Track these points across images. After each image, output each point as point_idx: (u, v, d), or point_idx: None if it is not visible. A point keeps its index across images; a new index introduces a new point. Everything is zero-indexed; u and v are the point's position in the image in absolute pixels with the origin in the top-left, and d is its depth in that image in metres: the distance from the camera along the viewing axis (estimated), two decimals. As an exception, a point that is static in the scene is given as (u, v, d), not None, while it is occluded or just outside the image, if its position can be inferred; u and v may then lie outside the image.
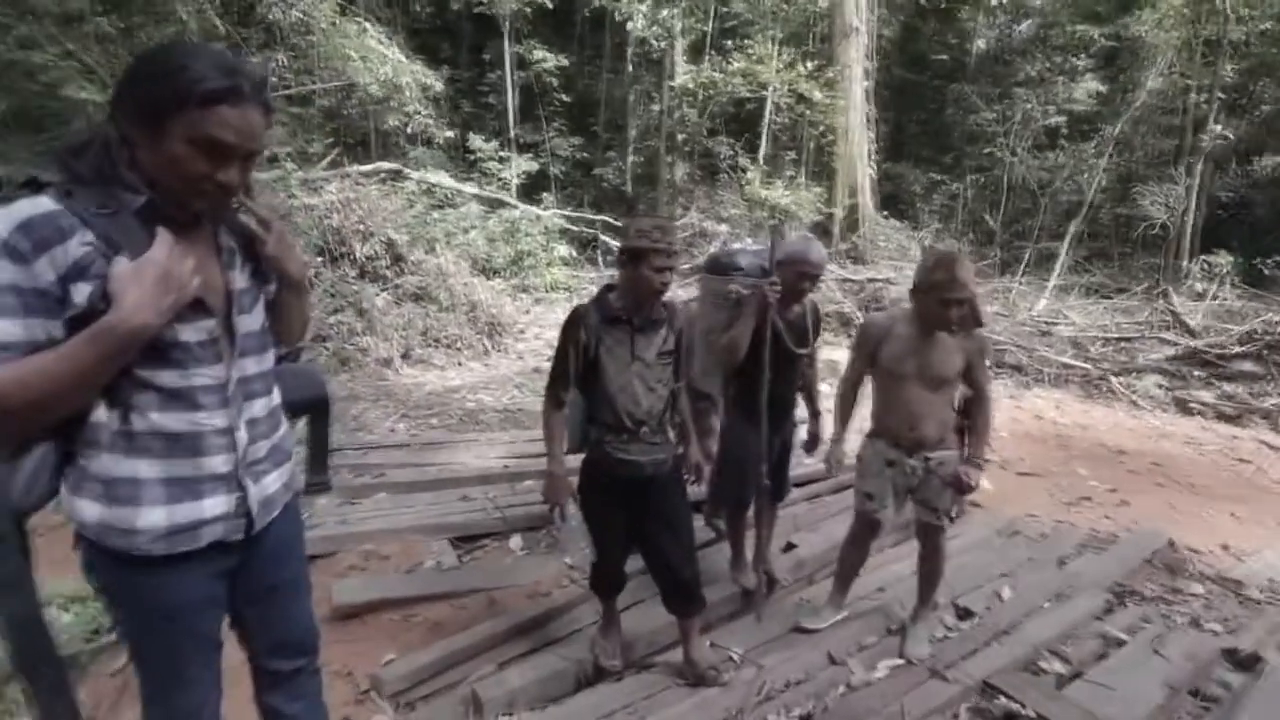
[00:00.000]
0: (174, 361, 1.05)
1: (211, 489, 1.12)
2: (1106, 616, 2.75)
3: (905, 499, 2.30)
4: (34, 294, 0.93)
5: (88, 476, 1.05)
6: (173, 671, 1.19)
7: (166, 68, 0.96)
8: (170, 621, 1.15)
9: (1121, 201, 12.42)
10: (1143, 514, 4.03)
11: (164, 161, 0.98)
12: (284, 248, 1.20)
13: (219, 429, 1.11)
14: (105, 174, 0.99)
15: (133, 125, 0.98)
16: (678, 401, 2.09)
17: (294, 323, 1.30)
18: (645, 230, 1.83)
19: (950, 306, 2.05)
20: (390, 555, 2.97)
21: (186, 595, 1.15)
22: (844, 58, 11.34)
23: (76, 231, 0.95)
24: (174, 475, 1.08)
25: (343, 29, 9.62)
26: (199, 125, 0.96)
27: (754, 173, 11.52)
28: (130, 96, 0.98)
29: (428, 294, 7.82)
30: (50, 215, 0.94)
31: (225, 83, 0.97)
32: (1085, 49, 13.66)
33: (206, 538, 1.13)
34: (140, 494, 1.06)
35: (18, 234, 0.92)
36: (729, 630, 2.47)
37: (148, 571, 1.09)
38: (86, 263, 0.95)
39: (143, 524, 1.06)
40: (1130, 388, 6.95)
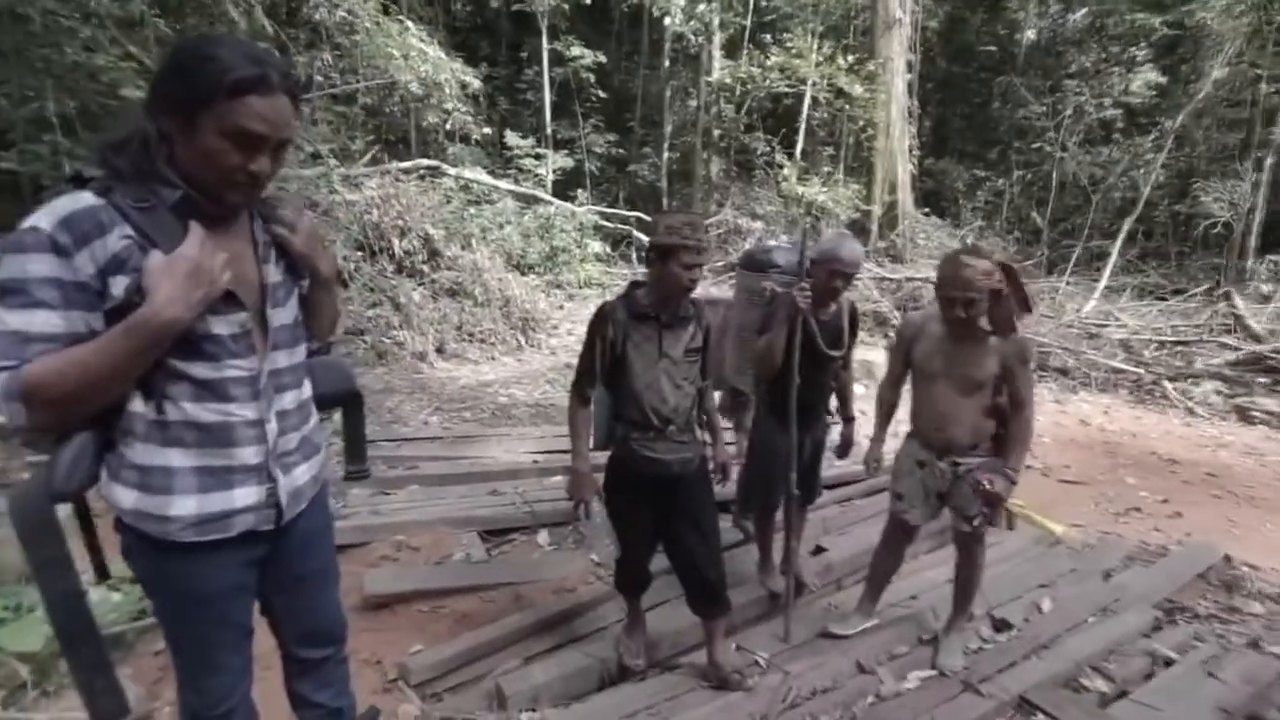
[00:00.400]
0: (206, 354, 1.07)
1: (242, 479, 1.15)
2: (1155, 634, 2.62)
3: (937, 503, 2.23)
4: (75, 287, 0.96)
5: (125, 464, 1.08)
6: (204, 656, 1.23)
7: (195, 61, 0.98)
8: (202, 607, 1.19)
9: (1180, 198, 11.84)
10: (1197, 527, 3.84)
11: (198, 154, 1.01)
12: (313, 245, 1.22)
13: (250, 420, 1.14)
14: (143, 169, 1.02)
15: (167, 120, 1.00)
16: (705, 399, 2.07)
17: (325, 318, 1.33)
18: (675, 226, 1.80)
19: (953, 305, 2.00)
20: (421, 546, 3.02)
21: (217, 582, 1.18)
22: (885, 50, 11.06)
23: (116, 226, 0.98)
24: (206, 465, 1.11)
25: (385, 28, 9.80)
26: (229, 116, 0.98)
27: (790, 169, 11.34)
28: (163, 92, 1.00)
29: (463, 289, 7.94)
30: (91, 210, 0.97)
31: (253, 72, 0.98)
32: (1144, 38, 13.03)
33: (237, 527, 1.16)
34: (173, 483, 1.09)
35: (60, 228, 0.95)
36: (755, 634, 2.44)
37: (180, 558, 1.13)
38: (125, 256, 0.98)
39: (175, 512, 1.09)
40: (1186, 394, 6.62)
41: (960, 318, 2.00)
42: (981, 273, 1.96)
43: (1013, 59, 14.52)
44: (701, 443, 2.06)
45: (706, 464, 2.08)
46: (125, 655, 2.23)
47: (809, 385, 2.42)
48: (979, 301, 1.97)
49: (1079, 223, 12.00)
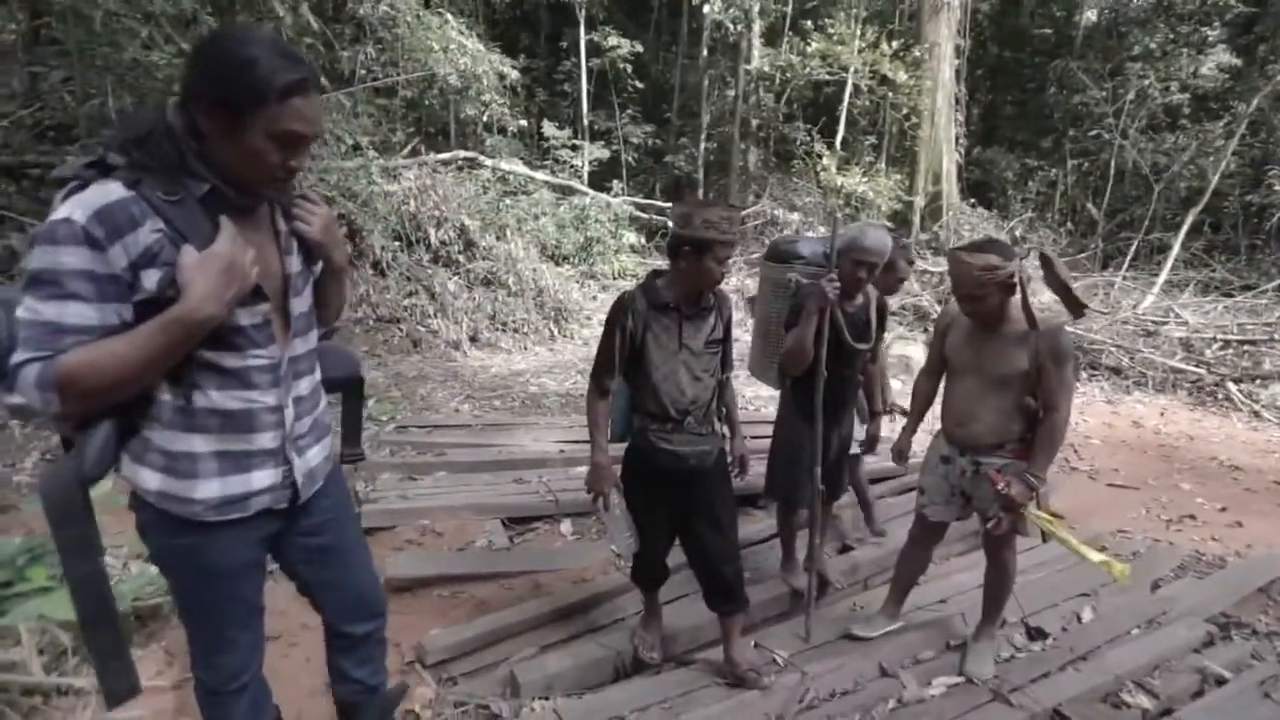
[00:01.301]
0: (232, 344, 1.11)
1: (260, 462, 1.20)
2: (1206, 650, 2.46)
3: (963, 502, 2.13)
4: (108, 279, 0.99)
5: (150, 448, 1.12)
6: (217, 632, 1.27)
7: (236, 64, 1.00)
8: (216, 583, 1.23)
9: (1254, 188, 11.07)
10: (1259, 538, 3.60)
11: (242, 152, 1.04)
12: (330, 234, 1.26)
13: (270, 407, 1.18)
14: (170, 162, 1.04)
15: (209, 120, 1.02)
16: (725, 391, 2.02)
17: (334, 305, 1.37)
18: (713, 221, 1.74)
19: (960, 300, 1.94)
20: (445, 532, 3.06)
21: (232, 559, 1.23)
22: (933, 35, 10.66)
23: (147, 219, 1.00)
24: (226, 450, 1.16)
25: (426, 21, 9.93)
26: (278, 120, 1.02)
27: (829, 159, 11.06)
28: (205, 94, 1.02)
29: (497, 279, 8.03)
30: (123, 202, 0.99)
31: (298, 76, 1.02)
32: (1218, 16, 12.21)
33: (255, 507, 1.21)
34: (197, 468, 1.13)
35: (94, 221, 0.97)
36: (775, 632, 2.39)
37: (200, 535, 1.17)
38: (156, 249, 1.01)
39: (199, 495, 1.14)
40: (1253, 397, 6.22)
41: (969, 311, 1.94)
42: (980, 268, 1.87)
43: (1070, 42, 13.80)
44: (720, 436, 2.02)
45: (725, 457, 2.03)
46: (161, 626, 2.32)
47: (836, 380, 2.35)
48: (984, 297, 1.89)
49: (1138, 214, 11.36)
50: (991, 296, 1.90)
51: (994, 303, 1.92)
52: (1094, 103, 11.90)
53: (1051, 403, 1.95)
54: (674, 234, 1.80)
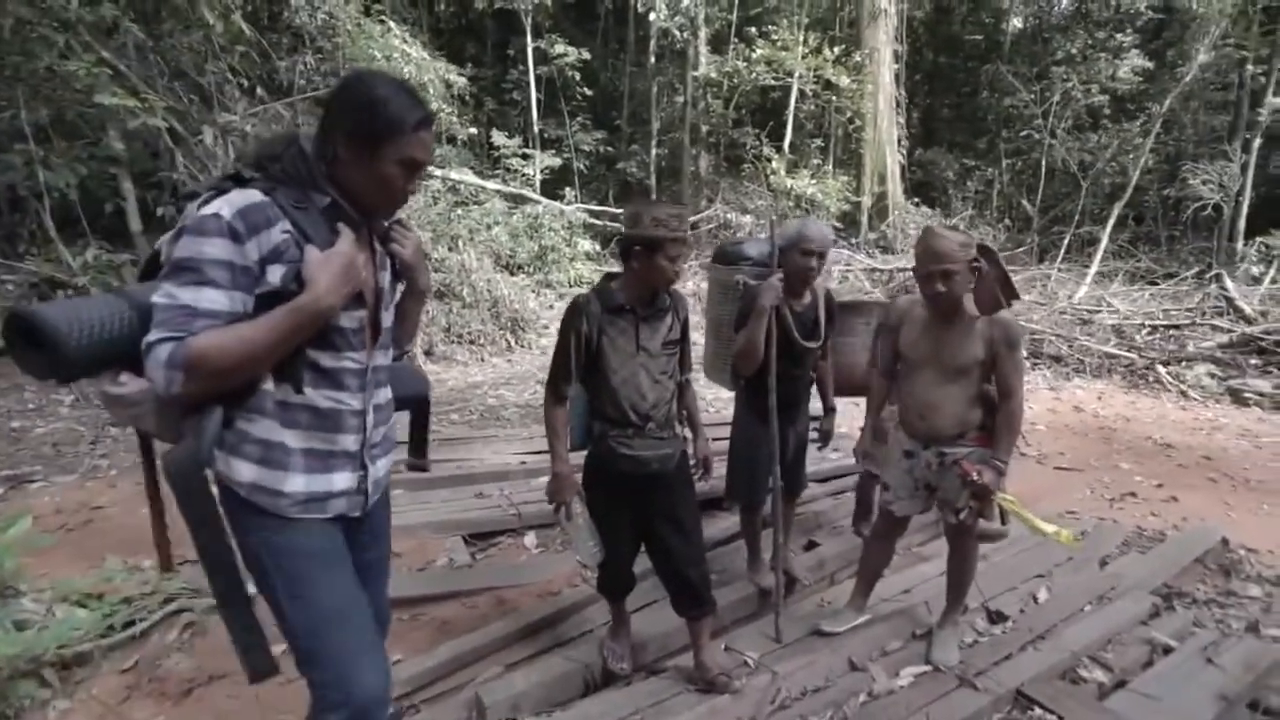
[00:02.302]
0: (332, 344, 1.20)
1: (340, 464, 1.26)
2: (1153, 621, 2.57)
3: (927, 495, 2.17)
4: (242, 271, 1.08)
5: (249, 439, 1.18)
6: (343, 619, 1.24)
7: (374, 102, 1.14)
8: (324, 564, 1.24)
9: (1170, 182, 11.81)
10: (1193, 511, 3.80)
11: (375, 178, 1.17)
12: (419, 259, 1.36)
13: (355, 410, 1.26)
14: (300, 176, 1.16)
15: (347, 148, 1.15)
16: (685, 393, 2.00)
17: (411, 326, 1.46)
18: (662, 219, 1.73)
19: (931, 280, 1.95)
20: (403, 553, 2.94)
21: (325, 544, 1.26)
22: (872, 40, 11.02)
23: (279, 221, 1.11)
24: (313, 448, 1.22)
25: (367, 30, 9.71)
26: (408, 150, 1.17)
27: (778, 162, 11.28)
28: (346, 127, 1.15)
29: (450, 291, 7.86)
30: (261, 204, 1.10)
31: (423, 112, 1.18)
32: (1130, 23, 13.01)
33: (332, 510, 1.26)
34: (289, 460, 1.19)
35: (238, 217, 1.07)
36: (745, 633, 2.38)
37: (289, 526, 1.21)
38: (283, 248, 1.11)
39: (288, 488, 1.19)
40: (1179, 378, 6.60)
41: (939, 293, 1.94)
42: (957, 244, 1.90)
43: (999, 47, 14.50)
44: (682, 438, 1.99)
45: (687, 460, 2.01)
46: (92, 674, 2.15)
47: (788, 379, 2.36)
48: (956, 275, 1.91)
49: (1069, 209, 11.97)
50: (961, 275, 1.93)
51: (962, 283, 1.94)
52: (1023, 105, 12.51)
53: (1008, 387, 2.00)
54: (624, 235, 1.78)
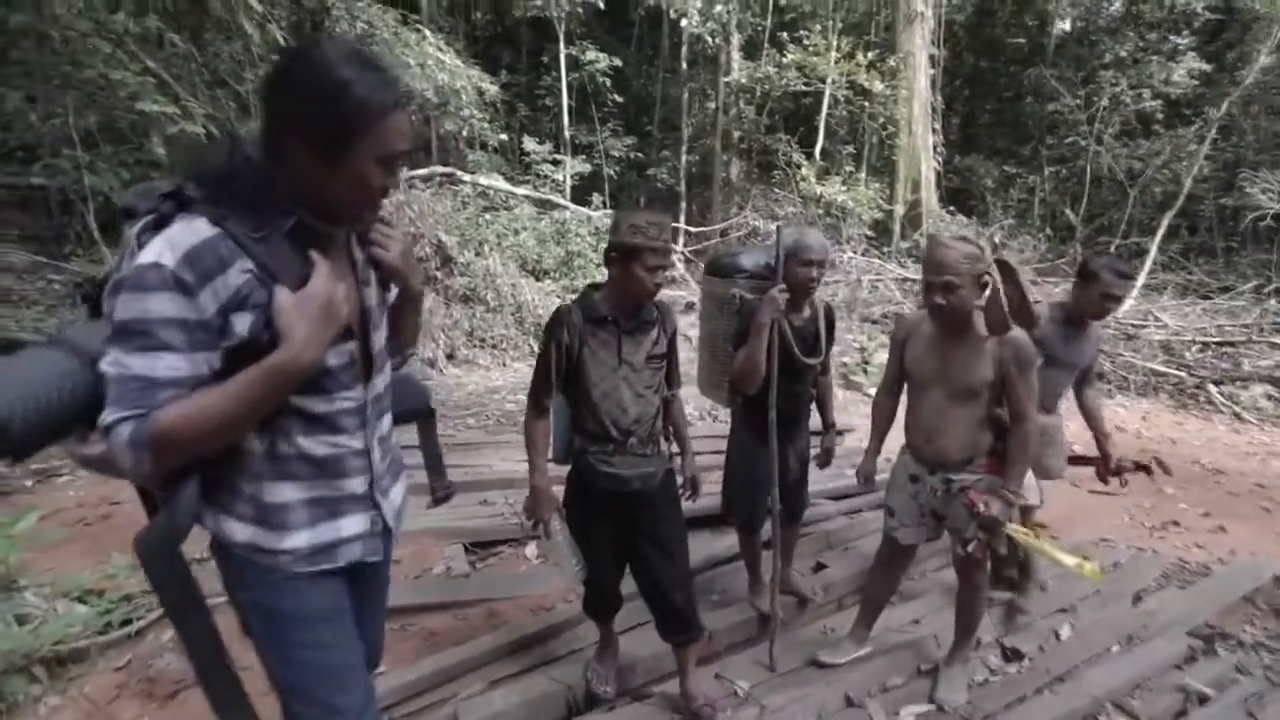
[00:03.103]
0: (322, 388, 1.06)
1: (349, 508, 1.14)
2: (1189, 666, 2.37)
3: (934, 522, 2.04)
4: (199, 327, 0.92)
5: (240, 499, 1.06)
6: (331, 675, 1.15)
7: (331, 90, 0.92)
8: (318, 626, 1.14)
9: (1227, 191, 11.20)
10: (1242, 544, 3.53)
11: (347, 182, 0.98)
12: (408, 261, 1.18)
13: (357, 451, 1.13)
14: (257, 197, 0.97)
15: (309, 154, 0.95)
16: (671, 409, 1.92)
17: (408, 334, 1.30)
18: (640, 226, 1.66)
19: (932, 291, 1.85)
20: (402, 559, 2.93)
21: (327, 602, 1.15)
22: (907, 45, 10.76)
23: (236, 260, 0.94)
24: (316, 496, 1.10)
25: (404, 38, 9.92)
26: (382, 141, 0.96)
27: (809, 169, 11.09)
28: (304, 125, 0.94)
29: (476, 295, 7.92)
30: (211, 242, 0.93)
31: (391, 91, 0.96)
32: (1186, 25, 12.42)
33: (344, 558, 1.14)
34: (288, 518, 1.08)
35: (184, 265, 0.90)
36: (740, 660, 2.27)
37: (289, 585, 1.11)
38: (246, 291, 0.94)
39: (289, 545, 1.08)
40: (1233, 399, 6.20)
41: (939, 305, 1.82)
42: (962, 255, 1.78)
43: (1043, 50, 14.00)
44: (666, 456, 1.92)
45: (673, 478, 1.93)
46: (87, 671, 2.18)
47: (787, 396, 2.26)
48: (959, 289, 1.80)
49: (1115, 219, 11.46)
50: (966, 289, 1.81)
51: (967, 297, 1.83)
52: (1068, 110, 12.04)
53: (1019, 411, 1.87)
54: (608, 243, 1.72)
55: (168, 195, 0.96)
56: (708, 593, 2.70)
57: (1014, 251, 10.90)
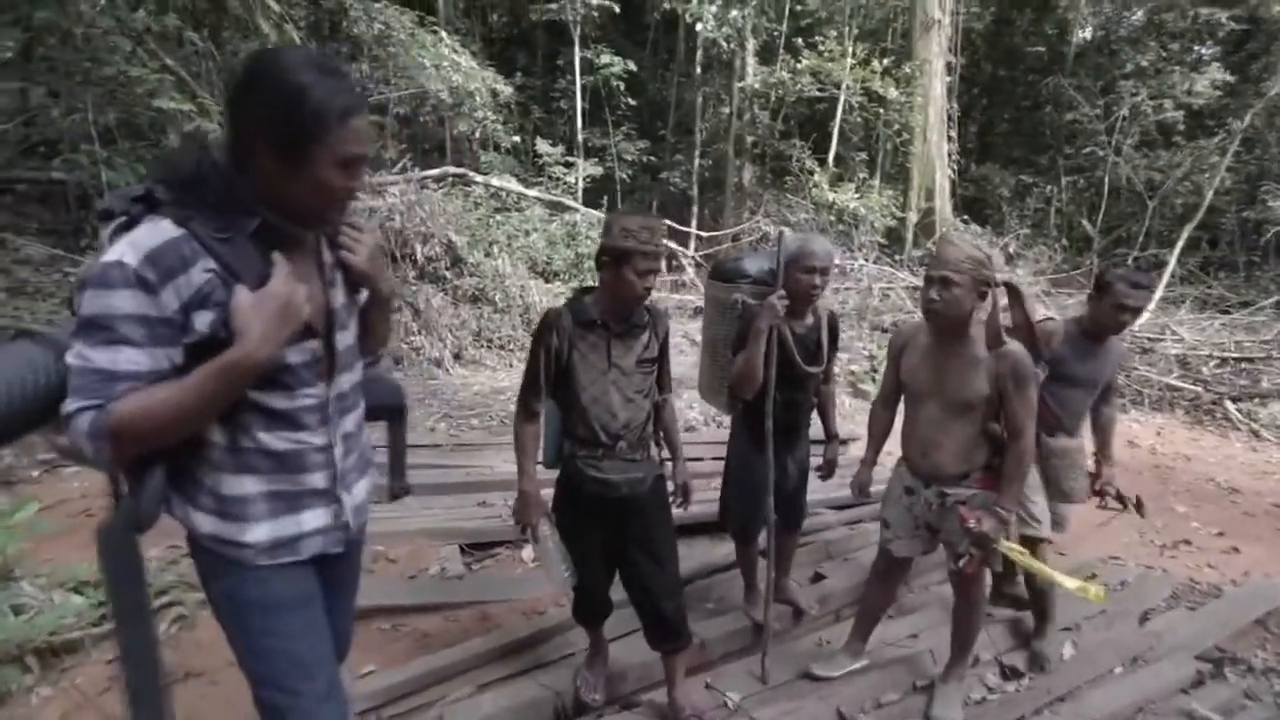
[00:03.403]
0: (282, 384, 1.09)
1: (310, 503, 1.17)
2: (1195, 690, 2.31)
3: (929, 535, 2.00)
4: (160, 323, 0.96)
5: (202, 491, 1.10)
6: (295, 666, 1.17)
7: (289, 95, 0.96)
8: (285, 617, 1.17)
9: (1249, 204, 11.01)
10: (1256, 565, 3.45)
11: (309, 186, 1.01)
12: (376, 262, 1.21)
13: (319, 447, 1.15)
14: (224, 198, 1.01)
15: (272, 159, 0.99)
16: (662, 413, 1.91)
17: (378, 335, 1.32)
18: (631, 229, 1.65)
19: (929, 285, 1.81)
20: (398, 559, 2.93)
21: (293, 592, 1.17)
22: (923, 52, 10.68)
23: (199, 259, 0.98)
24: (277, 490, 1.13)
25: (420, 39, 10.00)
26: (342, 146, 0.99)
27: (821, 175, 11.03)
28: (263, 132, 0.98)
29: (484, 295, 7.94)
30: (174, 243, 0.96)
31: (350, 96, 0.99)
32: (1210, 35, 12.23)
33: (306, 551, 1.17)
34: (248, 510, 1.11)
35: (146, 264, 0.94)
36: (731, 671, 2.24)
37: (255, 578, 1.14)
38: (208, 290, 0.98)
39: (250, 538, 1.11)
40: (1251, 416, 6.07)
41: (934, 302, 1.79)
42: (965, 255, 1.76)
43: (1062, 59, 13.85)
44: (657, 461, 1.90)
45: (663, 484, 1.91)
46: (80, 661, 2.18)
47: (788, 404, 2.23)
48: (956, 287, 1.76)
49: (1134, 230, 11.30)
50: (963, 291, 1.77)
51: (963, 298, 1.78)
52: (1087, 120, 11.89)
53: (1016, 428, 1.83)
54: (599, 245, 1.70)
55: (138, 198, 1.00)
56: (703, 601, 2.67)
57: (1029, 262, 10.78)
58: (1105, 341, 2.37)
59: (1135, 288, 2.27)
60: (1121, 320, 2.30)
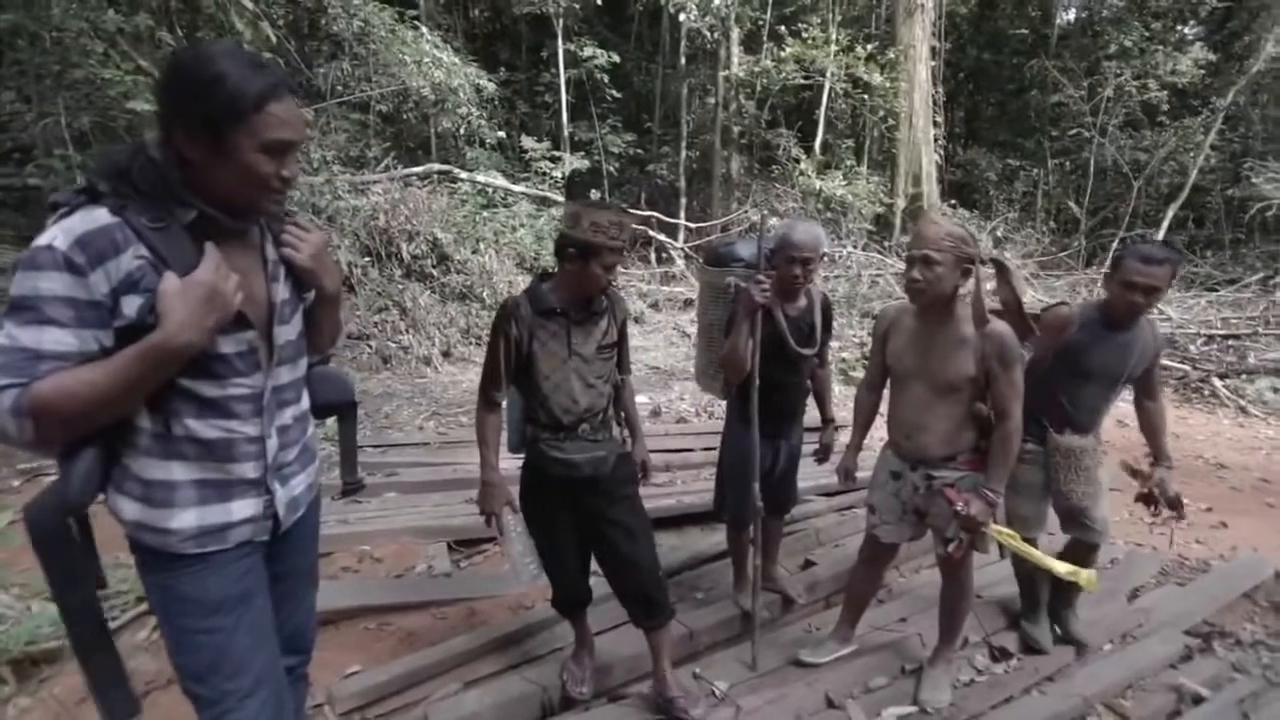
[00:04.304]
0: (213, 373, 1.09)
1: (240, 493, 1.16)
2: (1184, 665, 2.31)
3: (916, 519, 1.98)
4: (88, 305, 0.97)
5: (129, 476, 1.10)
6: (224, 656, 1.17)
7: (206, 83, 0.98)
8: (211, 615, 1.16)
9: (1234, 182, 11.05)
10: (1244, 539, 3.46)
11: (235, 172, 1.02)
12: (320, 261, 1.22)
13: (251, 437, 1.15)
14: (158, 189, 1.02)
15: (194, 146, 1.00)
16: (622, 394, 1.91)
17: (327, 332, 1.34)
18: (601, 225, 1.62)
19: (911, 265, 1.78)
20: (384, 558, 2.90)
21: (223, 591, 1.16)
22: (907, 37, 10.64)
23: (130, 245, 0.99)
24: (205, 478, 1.13)
25: (400, 35, 9.89)
26: (261, 130, 1.00)
27: (807, 164, 11.00)
28: (184, 120, 1.00)
29: (472, 292, 7.89)
30: (106, 228, 0.98)
31: (267, 81, 1.00)
32: (1193, 14, 12.25)
33: (234, 539, 1.17)
34: (174, 496, 1.11)
35: (75, 247, 0.95)
36: (721, 659, 2.23)
37: (183, 569, 1.13)
38: (138, 276, 0.99)
39: (175, 525, 1.11)
40: (1238, 392, 6.11)
41: (915, 281, 1.76)
42: (945, 233, 1.73)
43: (1046, 42, 13.85)
44: (619, 441, 1.90)
45: (627, 461, 1.91)
46: (57, 672, 2.15)
47: (780, 388, 2.21)
48: (938, 265, 1.73)
49: (1120, 211, 11.33)
50: (945, 269, 1.74)
51: (945, 277, 1.75)
52: (1072, 102, 11.90)
53: (1003, 409, 1.81)
54: (561, 234, 1.67)
55: (81, 190, 1.01)
56: (693, 590, 2.66)
57: (1017, 245, 10.79)
58: (1129, 329, 2.08)
59: (1146, 262, 1.98)
60: (1132, 301, 2.00)
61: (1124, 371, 2.12)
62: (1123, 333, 2.07)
